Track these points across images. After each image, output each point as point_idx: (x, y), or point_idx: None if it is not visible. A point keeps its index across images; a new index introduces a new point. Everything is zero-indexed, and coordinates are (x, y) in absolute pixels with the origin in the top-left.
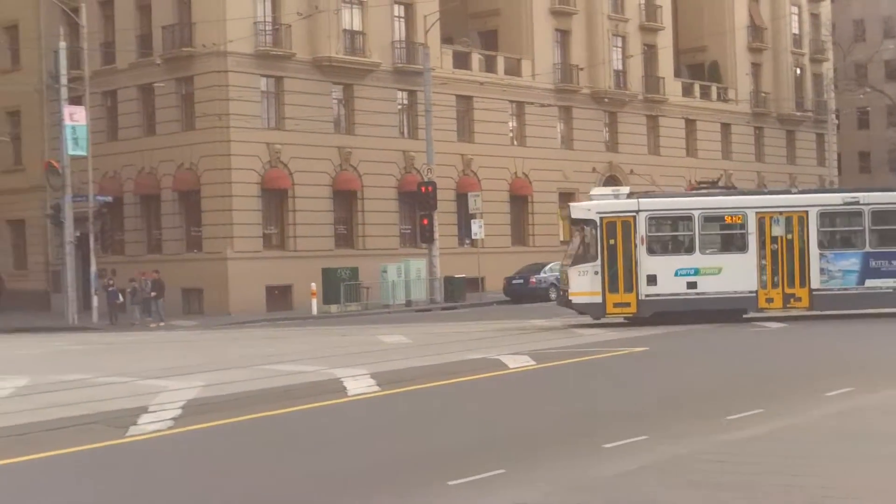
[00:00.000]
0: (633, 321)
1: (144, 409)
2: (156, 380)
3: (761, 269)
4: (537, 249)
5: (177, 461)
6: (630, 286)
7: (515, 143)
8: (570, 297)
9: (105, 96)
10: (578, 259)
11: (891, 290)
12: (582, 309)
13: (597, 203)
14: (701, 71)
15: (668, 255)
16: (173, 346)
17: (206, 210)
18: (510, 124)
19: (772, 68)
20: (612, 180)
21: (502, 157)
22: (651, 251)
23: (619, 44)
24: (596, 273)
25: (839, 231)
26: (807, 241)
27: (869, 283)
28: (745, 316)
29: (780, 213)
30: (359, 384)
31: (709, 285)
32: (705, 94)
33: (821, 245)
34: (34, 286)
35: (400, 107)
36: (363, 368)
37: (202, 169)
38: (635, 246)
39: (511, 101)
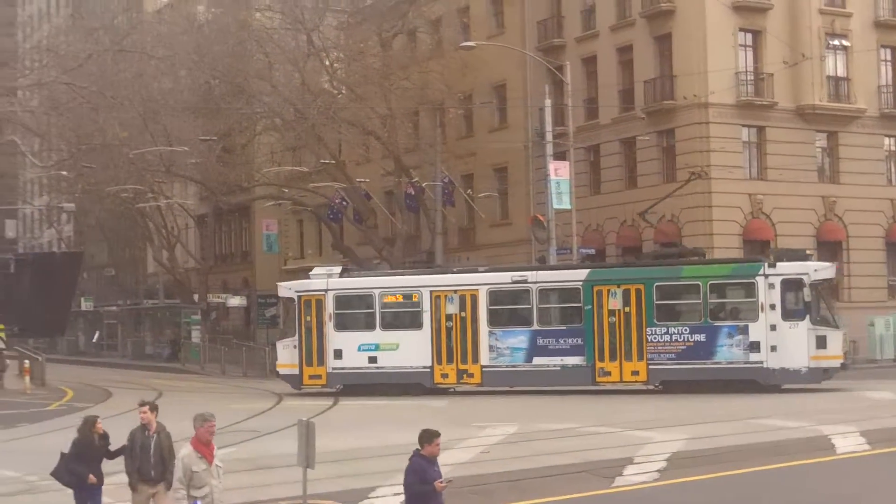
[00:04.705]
0: None
1: (630, 461)
2: (640, 431)
3: (437, 345)
4: None
5: None
6: (321, 360)
7: None
8: (277, 369)
9: (588, 151)
10: (283, 334)
11: (558, 368)
12: (285, 380)
13: (297, 283)
14: None
15: (353, 331)
16: (652, 398)
17: None
18: None
19: None
20: None
21: None
22: (339, 327)
23: None
24: (295, 347)
25: (509, 309)
26: (478, 318)
27: (537, 360)
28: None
29: (455, 291)
30: (848, 442)
31: (388, 360)
32: None
33: (491, 322)
34: None
35: (887, 153)
36: (852, 426)
37: (683, 220)
38: (325, 322)
39: None
